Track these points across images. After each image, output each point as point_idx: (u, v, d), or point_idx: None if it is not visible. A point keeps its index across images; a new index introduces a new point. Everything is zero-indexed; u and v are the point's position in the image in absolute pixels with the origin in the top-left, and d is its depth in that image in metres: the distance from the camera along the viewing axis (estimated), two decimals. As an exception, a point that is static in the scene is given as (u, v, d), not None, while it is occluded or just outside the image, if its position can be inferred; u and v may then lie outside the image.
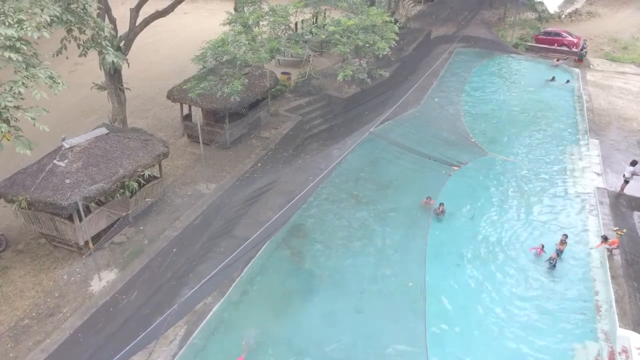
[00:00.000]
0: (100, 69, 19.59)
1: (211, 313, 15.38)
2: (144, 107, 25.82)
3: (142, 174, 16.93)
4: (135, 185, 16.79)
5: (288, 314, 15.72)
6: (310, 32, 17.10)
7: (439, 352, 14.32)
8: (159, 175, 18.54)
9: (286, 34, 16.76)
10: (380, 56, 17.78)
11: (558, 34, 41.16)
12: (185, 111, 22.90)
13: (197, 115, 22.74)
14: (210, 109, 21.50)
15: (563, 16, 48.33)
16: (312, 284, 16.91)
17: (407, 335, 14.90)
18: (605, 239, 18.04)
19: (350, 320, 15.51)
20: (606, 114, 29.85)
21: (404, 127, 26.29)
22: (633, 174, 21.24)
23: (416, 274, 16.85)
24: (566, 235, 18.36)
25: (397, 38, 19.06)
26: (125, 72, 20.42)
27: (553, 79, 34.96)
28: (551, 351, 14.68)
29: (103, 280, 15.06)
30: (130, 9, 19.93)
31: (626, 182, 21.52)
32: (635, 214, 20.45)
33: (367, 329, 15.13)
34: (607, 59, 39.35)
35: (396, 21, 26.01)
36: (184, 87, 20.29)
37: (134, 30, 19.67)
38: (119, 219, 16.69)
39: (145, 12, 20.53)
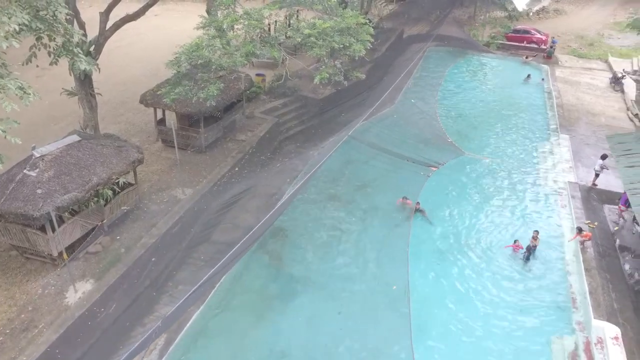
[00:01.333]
0: (70, 75, 19.11)
1: (191, 321, 15.16)
2: (116, 112, 25.34)
3: (116, 181, 16.61)
4: (110, 193, 16.46)
5: (270, 319, 15.61)
6: (286, 35, 17.04)
7: (423, 350, 14.44)
8: (134, 182, 18.21)
9: (261, 37, 16.63)
10: (356, 58, 17.82)
11: (527, 32, 42.00)
12: (159, 115, 22.55)
13: (172, 119, 22.41)
14: (185, 113, 21.20)
15: (531, 14, 49.33)
16: (293, 287, 16.84)
17: (391, 335, 15.00)
18: (580, 230, 18.48)
19: (333, 323, 15.49)
20: (575, 110, 30.58)
21: (380, 127, 26.44)
22: (602, 167, 21.84)
23: (398, 274, 16.97)
24: (537, 232, 18.70)
25: (373, 40, 19.15)
26: (95, 76, 19.94)
27: (529, 77, 35.67)
28: (530, 344, 14.95)
29: (79, 292, 14.70)
30: (99, 12, 19.47)
31: (597, 175, 22.12)
32: (606, 207, 21.01)
33: (351, 331, 15.15)
34: (575, 56, 40.36)
35: (369, 21, 26.12)
36: (158, 92, 19.96)
37: (104, 35, 19.23)
38: (93, 228, 16.34)
39: (115, 14, 20.14)
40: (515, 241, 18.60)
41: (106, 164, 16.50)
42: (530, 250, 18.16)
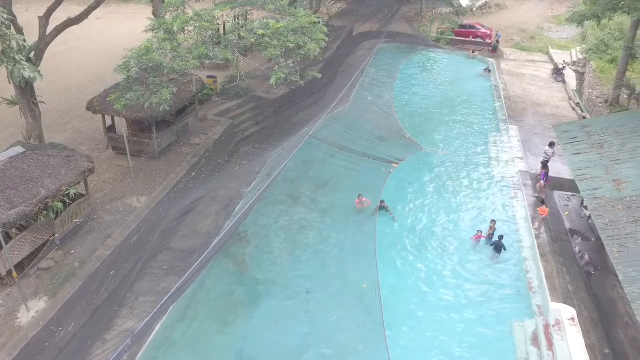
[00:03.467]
0: (9, 83, 18.13)
1: (154, 332, 14.67)
2: (62, 121, 24.23)
3: (66, 193, 15.88)
4: (61, 205, 15.72)
5: (235, 324, 15.33)
6: (239, 36, 16.75)
7: (393, 345, 14.55)
8: (85, 193, 17.47)
9: (213, 39, 16.29)
10: (312, 57, 17.78)
11: (472, 27, 43.22)
12: (108, 122, 21.74)
13: (122, 125, 21.64)
14: (136, 118, 20.54)
15: (475, 9, 50.74)
16: (257, 290, 16.61)
17: (362, 331, 15.07)
18: (542, 202, 19.29)
19: (301, 323, 15.39)
20: (521, 101, 31.71)
21: (339, 126, 26.52)
22: (546, 153, 22.69)
23: (366, 271, 17.03)
24: (494, 221, 19.26)
25: (327, 39, 19.15)
26: (37, 84, 18.97)
27: (487, 69, 36.66)
28: (493, 331, 15.37)
29: (32, 311, 13.95)
30: (39, 17, 18.58)
31: (546, 162, 22.94)
32: (556, 193, 21.87)
33: (320, 330, 15.12)
34: (518, 49, 41.87)
35: (320, 19, 26.12)
36: (108, 98, 19.21)
37: (45, 40, 18.37)
38: (44, 243, 15.56)
39: (55, 18, 19.26)
40: (478, 231, 19.09)
41: (54, 175, 15.76)
42: (500, 239, 18.43)
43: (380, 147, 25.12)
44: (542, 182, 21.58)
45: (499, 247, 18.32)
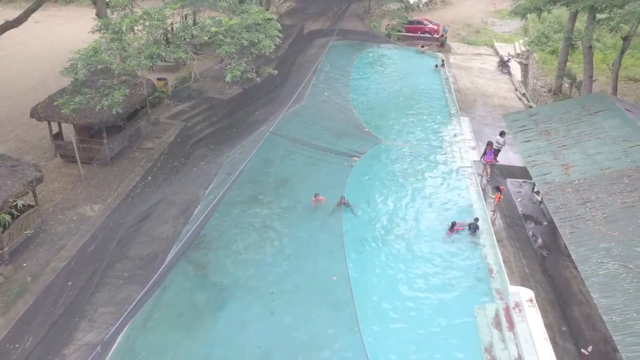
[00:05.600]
0: (-56, 91, 17.08)
1: (115, 345, 14.13)
2: (3, 130, 23.02)
3: (14, 204, 15.09)
4: (8, 217, 14.92)
5: (201, 330, 14.98)
6: (191, 35, 16.37)
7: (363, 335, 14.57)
8: (34, 204, 16.66)
9: (165, 38, 15.84)
10: (267, 54, 17.62)
11: (420, 22, 44.12)
12: (55, 129, 20.81)
13: (70, 132, 20.77)
14: (84, 124, 19.76)
15: (421, 5, 51.81)
16: (221, 295, 16.28)
17: (333, 326, 15.12)
18: (498, 189, 19.89)
19: (268, 324, 15.23)
20: (471, 93, 32.64)
21: (295, 124, 26.41)
22: (498, 142, 23.45)
23: (334, 268, 17.03)
24: (477, 219, 19.62)
25: (281, 35, 19.03)
26: (-26, 92, 18.07)
27: (442, 64, 37.45)
28: (456, 318, 15.67)
29: (-18, 331, 13.19)
30: (-27, 20, 17.60)
31: (497, 151, 23.69)
32: (508, 180, 22.60)
33: (288, 329, 15.01)
34: (464, 43, 43.11)
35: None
36: (55, 103, 18.32)
37: (-19, 44, 17.39)
38: (-8, 258, 14.75)
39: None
40: (453, 224, 19.45)
41: (-1, 187, 14.95)
42: (476, 221, 19.25)
43: (340, 141, 25.25)
44: (482, 159, 22.30)
45: (474, 228, 19.08)
